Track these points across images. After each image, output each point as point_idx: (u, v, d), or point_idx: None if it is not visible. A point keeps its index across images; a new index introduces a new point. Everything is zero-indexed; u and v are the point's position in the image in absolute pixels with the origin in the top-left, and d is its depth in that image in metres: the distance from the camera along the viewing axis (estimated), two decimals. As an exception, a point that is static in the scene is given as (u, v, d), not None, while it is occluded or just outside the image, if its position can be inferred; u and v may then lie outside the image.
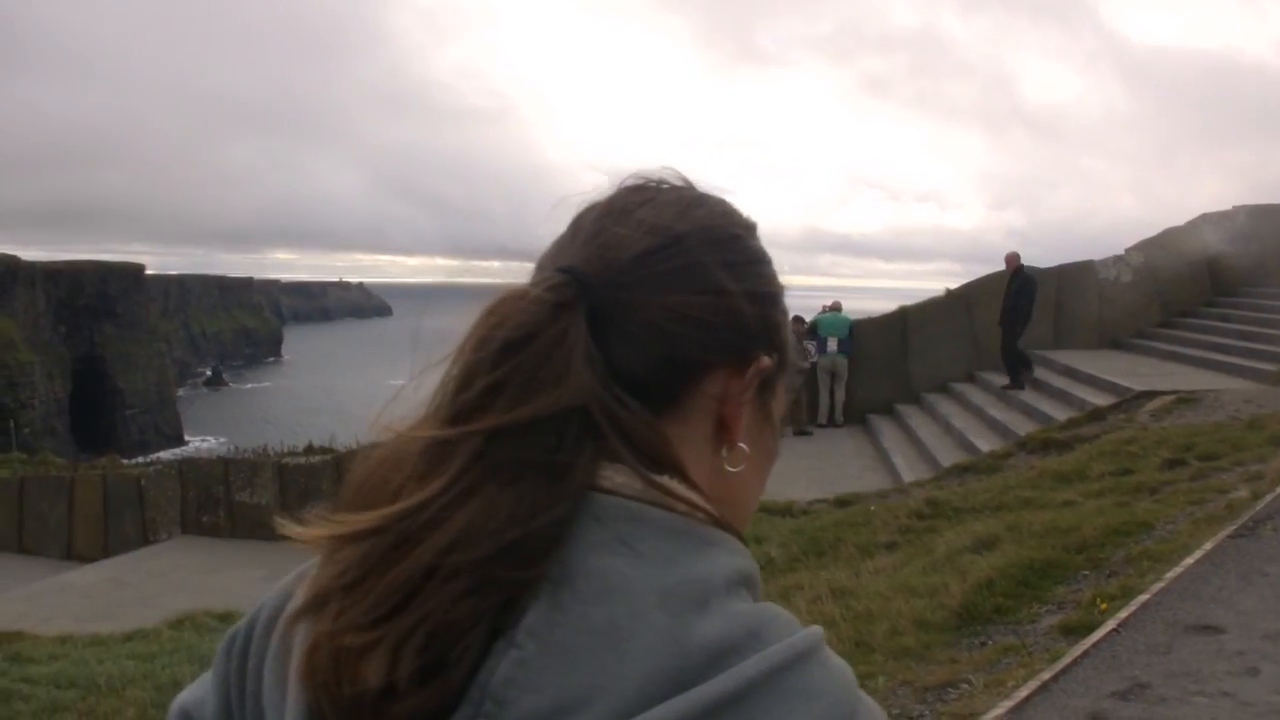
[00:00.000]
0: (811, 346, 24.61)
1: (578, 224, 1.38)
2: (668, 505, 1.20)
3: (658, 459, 1.22)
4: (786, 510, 15.33)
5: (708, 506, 1.23)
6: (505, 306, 1.23)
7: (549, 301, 1.21)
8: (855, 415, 25.41)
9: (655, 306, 1.24)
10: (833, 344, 24.99)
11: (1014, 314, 22.53)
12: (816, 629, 1.16)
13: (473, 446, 1.16)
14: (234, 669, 1.39)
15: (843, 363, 25.15)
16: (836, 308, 26.02)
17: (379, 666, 1.08)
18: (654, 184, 1.41)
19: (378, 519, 1.16)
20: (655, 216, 1.32)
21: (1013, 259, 23.35)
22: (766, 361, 1.32)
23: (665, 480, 1.21)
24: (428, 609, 1.10)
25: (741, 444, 1.32)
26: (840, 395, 25.36)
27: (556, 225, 1.42)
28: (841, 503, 16.35)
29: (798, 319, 23.70)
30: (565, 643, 1.09)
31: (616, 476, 1.19)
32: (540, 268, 1.35)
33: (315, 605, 1.18)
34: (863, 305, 25.85)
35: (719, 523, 1.23)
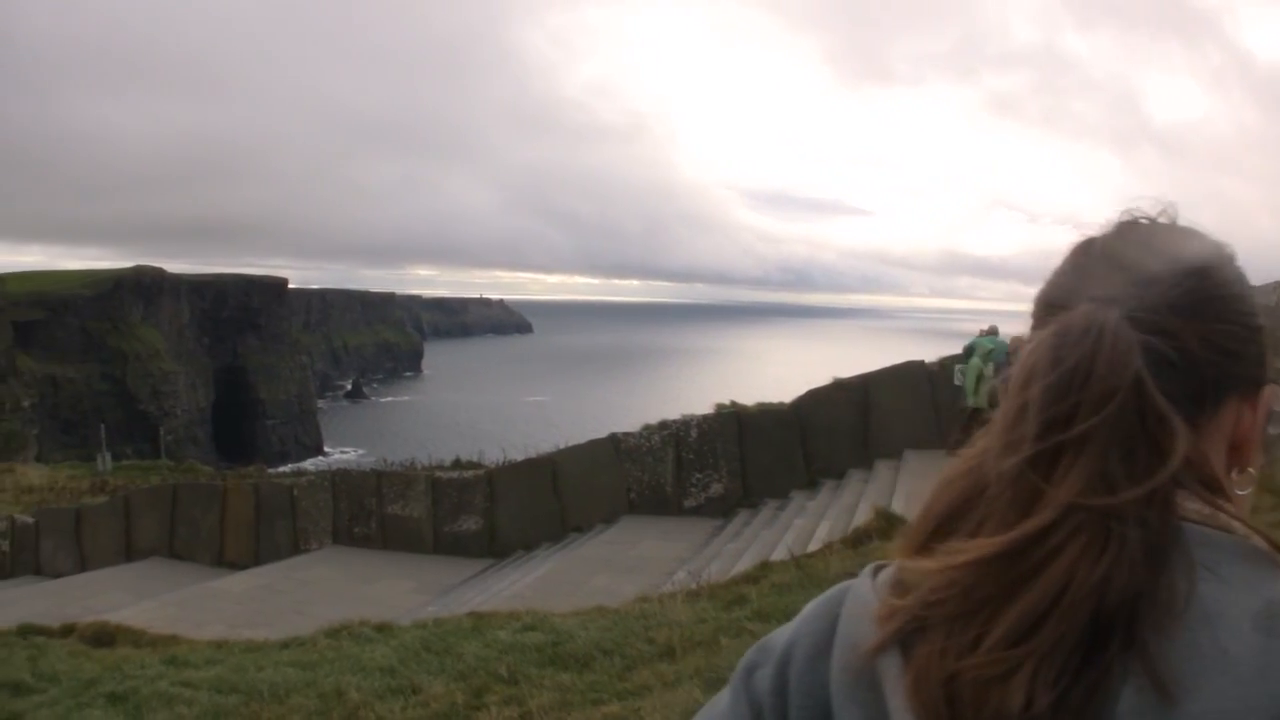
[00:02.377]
0: (965, 371, 24.13)
1: (1085, 256, 1.46)
2: (1228, 528, 1.26)
3: (1207, 483, 1.29)
4: (947, 535, 14.98)
5: (1258, 529, 1.28)
6: (1077, 345, 1.28)
7: (1129, 345, 1.26)
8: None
9: (1189, 335, 1.30)
10: (989, 368, 24.39)
11: None
12: None
13: (1075, 481, 1.21)
14: (768, 708, 1.45)
15: (999, 386, 24.40)
16: (993, 331, 25.41)
17: (1020, 693, 1.14)
18: (1147, 218, 1.47)
19: (1000, 545, 1.22)
20: (1171, 249, 1.39)
21: (1015, 342, 22.84)
22: (1272, 389, 1.40)
23: (1223, 504, 1.28)
24: (1054, 638, 1.15)
25: (1250, 468, 1.40)
26: (995, 420, 24.69)
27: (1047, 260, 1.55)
28: (1003, 529, 16.01)
29: (1018, 338, 23.28)
30: (1177, 670, 1.13)
31: (1186, 502, 1.25)
32: (1062, 297, 1.43)
33: (908, 635, 1.26)
34: (1007, 330, 25.26)
35: (1271, 544, 1.27)
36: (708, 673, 9.03)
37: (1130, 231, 1.45)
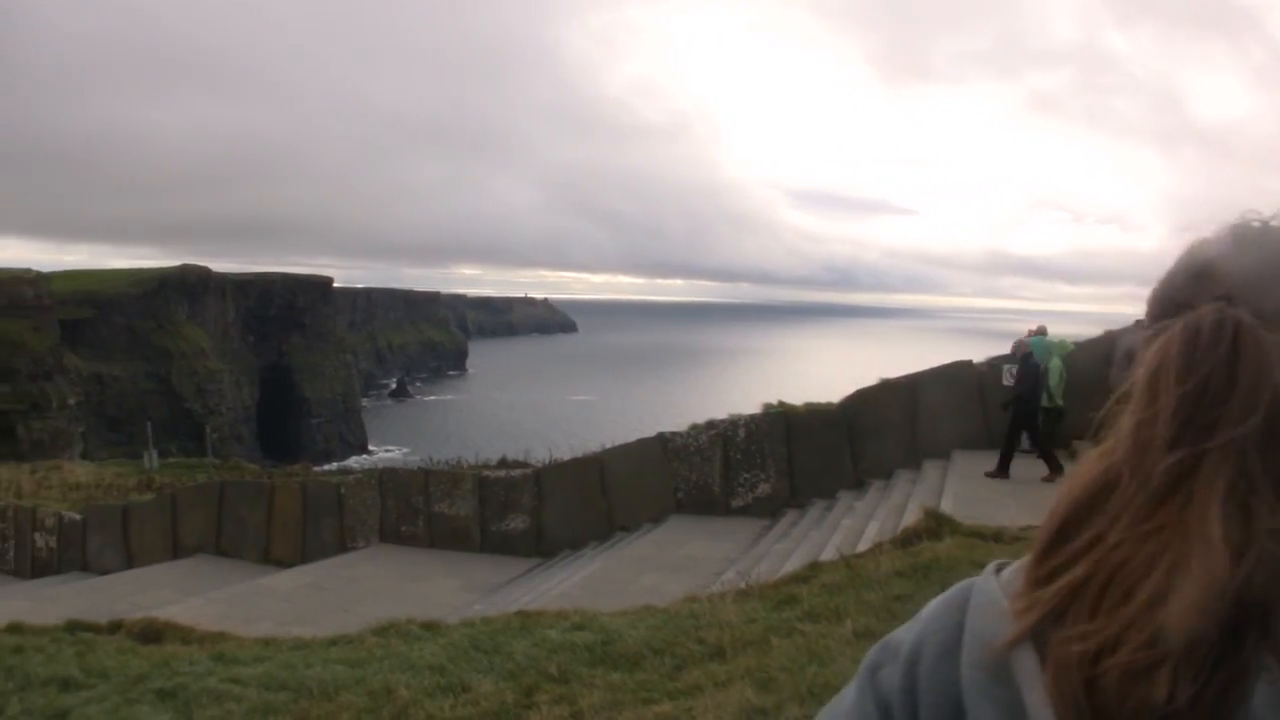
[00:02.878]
0: (1013, 371, 23.97)
1: (1201, 256, 1.46)
2: None
3: None
4: (997, 536, 14.92)
5: None
6: (1213, 348, 1.30)
7: (1269, 349, 1.29)
8: (1061, 441, 24.47)
9: None
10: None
11: (1016, 403, 21.72)
12: None
13: (1218, 486, 1.24)
14: (898, 705, 1.46)
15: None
16: (1042, 331, 25.20)
17: (1163, 687, 1.16)
18: (1261, 220, 1.47)
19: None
20: None
21: (1021, 346, 22.62)
22: None
23: None
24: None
25: None
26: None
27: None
28: (1055, 530, 15.84)
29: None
30: None
31: None
32: (1183, 296, 1.43)
33: (1042, 631, 1.29)
34: (1056, 330, 25.17)
35: None
36: (759, 673, 8.99)
37: (1245, 233, 1.44)
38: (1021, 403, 21.60)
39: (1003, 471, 21.24)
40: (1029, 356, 22.17)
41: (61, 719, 11.22)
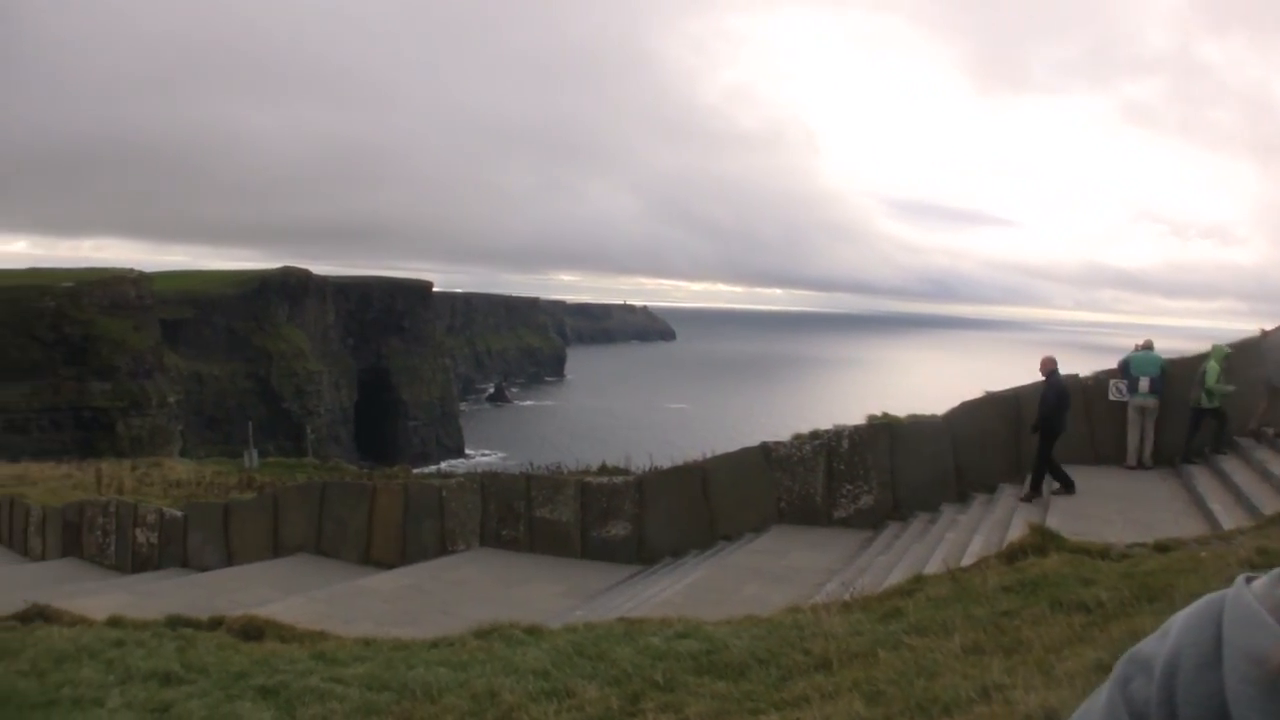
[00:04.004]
0: (1122, 386, 23.70)
1: None
2: None
3: None
4: (1104, 553, 14.73)
5: None
6: None
7: None
8: (1165, 458, 24.14)
9: None
10: (1144, 384, 23.70)
11: (1042, 422, 21.50)
12: None
13: None
14: (1156, 717, 1.43)
15: (1154, 403, 23.95)
16: (1149, 346, 24.89)
17: None
18: None
19: None
20: None
21: (1046, 363, 22.25)
22: None
23: None
24: None
25: None
26: (1150, 437, 24.24)
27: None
28: (1162, 548, 15.63)
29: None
30: None
31: None
32: None
33: None
34: (1161, 345, 24.83)
35: None
36: (866, 685, 8.90)
37: None
38: (1044, 421, 21.37)
39: (1035, 493, 21.08)
40: (1054, 373, 21.94)
41: (163, 713, 11.30)
